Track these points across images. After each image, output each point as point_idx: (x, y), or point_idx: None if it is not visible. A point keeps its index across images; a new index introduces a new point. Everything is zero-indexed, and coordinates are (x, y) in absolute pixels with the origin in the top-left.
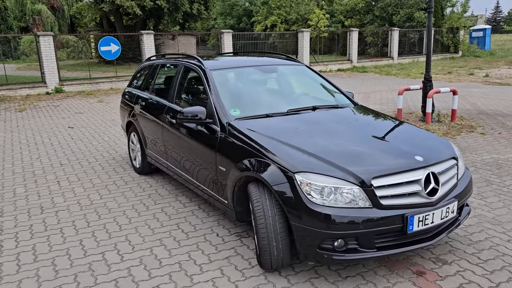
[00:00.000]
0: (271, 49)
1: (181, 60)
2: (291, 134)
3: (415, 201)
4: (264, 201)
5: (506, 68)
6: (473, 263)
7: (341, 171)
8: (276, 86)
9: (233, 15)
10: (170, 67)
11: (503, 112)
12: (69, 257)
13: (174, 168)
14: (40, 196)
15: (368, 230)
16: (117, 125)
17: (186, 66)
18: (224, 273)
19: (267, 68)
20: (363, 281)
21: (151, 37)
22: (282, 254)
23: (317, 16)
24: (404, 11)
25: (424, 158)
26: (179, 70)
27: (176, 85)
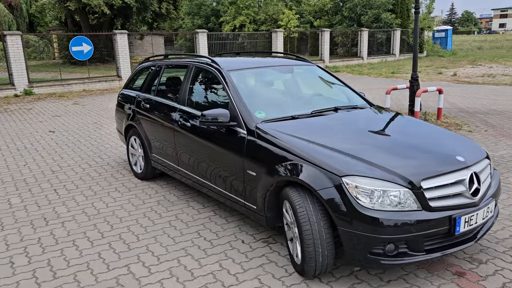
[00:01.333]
0: (240, 49)
1: (191, 60)
2: (325, 136)
3: (460, 202)
4: (307, 206)
5: (470, 67)
6: (508, 262)
7: (390, 173)
8: (294, 87)
9: (201, 15)
10: (177, 68)
11: (481, 110)
12: (91, 271)
13: (187, 173)
14: (39, 206)
15: (418, 233)
16: (101, 128)
17: (198, 66)
18: (262, 282)
19: (283, 68)
20: (407, 285)
21: (125, 36)
22: (327, 260)
23: (287, 16)
24: (372, 12)
25: (465, 159)
26: (189, 71)
27: (187, 86)
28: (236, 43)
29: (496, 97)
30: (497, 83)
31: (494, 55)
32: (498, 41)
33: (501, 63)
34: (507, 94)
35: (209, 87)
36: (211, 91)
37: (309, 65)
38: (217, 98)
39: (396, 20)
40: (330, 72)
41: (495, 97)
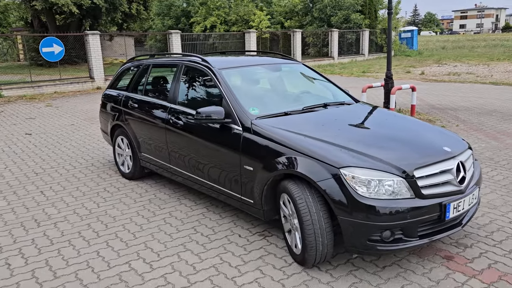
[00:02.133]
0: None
1: (180, 59)
2: (320, 130)
3: (449, 190)
4: (307, 197)
5: (436, 66)
6: (491, 245)
7: (384, 164)
8: (283, 84)
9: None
10: (165, 67)
11: (451, 106)
12: (92, 269)
13: (179, 171)
14: (28, 208)
15: (413, 219)
16: (80, 130)
17: (187, 65)
18: (264, 273)
19: (271, 66)
20: (401, 270)
21: (97, 37)
22: (327, 249)
23: (259, 17)
24: (341, 13)
25: (452, 149)
26: (179, 69)
27: (177, 85)
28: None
29: (463, 94)
30: (463, 81)
31: (457, 54)
32: (460, 41)
33: (465, 62)
34: (473, 91)
35: (200, 86)
36: (203, 90)
37: (296, 63)
38: (209, 96)
39: (365, 21)
40: (315, 70)
41: (462, 94)
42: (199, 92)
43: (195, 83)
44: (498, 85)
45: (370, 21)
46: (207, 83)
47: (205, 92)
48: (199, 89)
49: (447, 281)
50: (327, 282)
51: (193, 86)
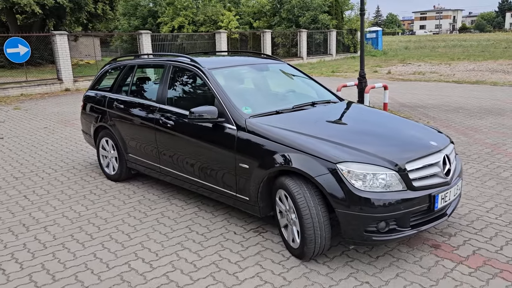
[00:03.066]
0: (179, 51)
1: (167, 60)
2: (313, 128)
3: (437, 182)
4: (304, 192)
5: (402, 66)
6: (472, 233)
7: (378, 158)
8: (271, 83)
9: (137, 15)
10: (151, 67)
11: (420, 104)
12: (91, 271)
13: (170, 171)
14: (13, 213)
15: (406, 210)
16: (54, 133)
17: (175, 66)
18: (264, 267)
19: (259, 66)
20: (394, 259)
21: (65, 38)
22: (325, 241)
23: (228, 17)
24: (309, 14)
25: (437, 143)
26: (166, 70)
27: (165, 86)
28: (175, 44)
29: (430, 92)
30: (428, 79)
31: (420, 54)
32: (421, 41)
33: (428, 62)
34: (438, 89)
35: (189, 86)
36: (192, 90)
37: (280, 63)
38: (199, 95)
39: (332, 21)
40: (299, 69)
41: (429, 93)
42: (188, 92)
43: (184, 83)
44: (460, 84)
45: (337, 22)
46: (196, 83)
47: (195, 92)
48: (189, 89)
49: (437, 267)
50: (326, 273)
51: (182, 86)
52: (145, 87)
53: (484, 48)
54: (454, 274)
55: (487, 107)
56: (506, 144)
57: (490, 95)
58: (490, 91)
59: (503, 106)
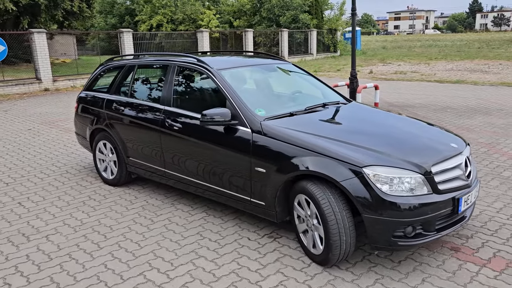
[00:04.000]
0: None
1: (171, 60)
2: (331, 130)
3: (459, 184)
4: (329, 197)
5: (382, 65)
6: (489, 235)
7: (404, 161)
8: (280, 84)
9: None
10: (153, 68)
11: (407, 103)
12: (105, 284)
13: (176, 175)
14: (9, 222)
15: (433, 214)
16: (40, 135)
17: (181, 66)
18: (286, 275)
19: (266, 66)
20: (417, 263)
21: (43, 36)
22: (350, 247)
23: (208, 16)
24: (289, 13)
25: (458, 145)
26: (171, 70)
27: (170, 87)
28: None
29: (415, 91)
30: (410, 79)
31: (398, 54)
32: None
33: (407, 61)
34: (422, 89)
35: (197, 87)
36: (200, 91)
37: (286, 63)
38: (207, 97)
39: (313, 21)
40: (304, 69)
41: (414, 92)
42: (195, 94)
43: (191, 84)
44: (442, 83)
45: (318, 22)
46: (204, 84)
47: (202, 94)
48: (196, 91)
49: (461, 271)
50: (351, 280)
51: (189, 87)
52: (147, 88)
53: (459, 48)
54: (480, 278)
55: (473, 107)
56: (500, 144)
57: (473, 95)
58: (473, 91)
59: (488, 106)
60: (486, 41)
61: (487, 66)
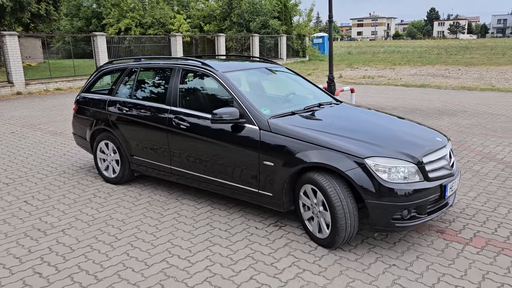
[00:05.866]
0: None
1: (175, 63)
2: (332, 127)
3: (445, 173)
4: (335, 186)
5: (350, 70)
6: (467, 219)
7: (399, 153)
8: (279, 86)
9: (81, 16)
10: (157, 70)
11: (379, 106)
12: (132, 269)
13: (183, 171)
14: (21, 219)
15: (425, 199)
16: (26, 137)
17: (186, 69)
18: (297, 257)
19: (265, 70)
20: (410, 244)
21: (15, 38)
22: (354, 230)
23: (179, 20)
24: (259, 19)
25: (442, 140)
26: (176, 73)
27: (176, 88)
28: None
29: (384, 95)
30: (378, 83)
31: (363, 59)
32: (361, 47)
33: (373, 66)
34: (390, 92)
35: (202, 88)
36: (206, 92)
37: (280, 66)
38: (213, 98)
39: (282, 27)
40: (295, 71)
41: (383, 95)
42: (202, 94)
43: (196, 85)
44: (409, 87)
45: (287, 27)
46: (210, 85)
47: (208, 94)
48: (202, 91)
49: (449, 249)
50: (355, 259)
51: (194, 88)
52: (151, 89)
53: (420, 54)
54: (465, 254)
55: (439, 108)
56: (467, 142)
57: (438, 97)
58: (437, 94)
59: (452, 108)
60: (444, 48)
61: (447, 71)
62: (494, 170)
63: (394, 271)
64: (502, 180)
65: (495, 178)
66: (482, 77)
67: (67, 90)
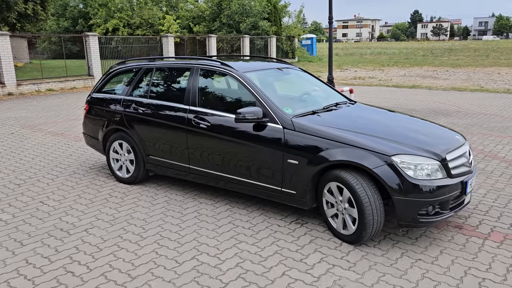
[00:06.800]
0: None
1: (193, 63)
2: (356, 125)
3: (465, 170)
4: (362, 183)
5: (340, 71)
6: (481, 214)
7: (424, 151)
8: (297, 85)
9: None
10: (173, 70)
11: None
12: (164, 267)
13: (202, 170)
14: (41, 219)
15: (448, 195)
16: (28, 138)
17: (204, 69)
18: (325, 253)
19: (283, 70)
20: (431, 239)
21: (7, 38)
22: (380, 225)
23: (168, 21)
24: (249, 20)
25: (460, 138)
26: (194, 73)
27: (194, 88)
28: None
29: (377, 96)
30: (369, 84)
31: (352, 60)
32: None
33: (362, 68)
34: (383, 93)
35: (222, 88)
36: (226, 92)
37: (294, 67)
38: (234, 97)
39: (272, 28)
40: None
41: (377, 96)
42: (221, 94)
43: (216, 85)
44: (400, 88)
45: (277, 29)
46: (230, 85)
47: (228, 94)
48: (222, 91)
49: (470, 244)
50: (381, 254)
51: (214, 88)
52: (169, 89)
53: (406, 56)
54: (486, 248)
55: (434, 109)
56: (468, 141)
57: (430, 98)
58: (429, 95)
59: (446, 108)
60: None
61: (435, 72)
62: (498, 168)
63: (421, 265)
64: (507, 177)
65: (501, 176)
66: (470, 78)
67: (59, 90)
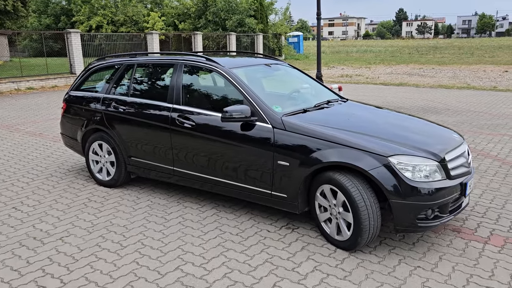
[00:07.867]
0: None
1: (176, 59)
2: (349, 124)
3: (464, 171)
4: (357, 185)
5: (327, 69)
6: (479, 217)
7: (422, 151)
8: (286, 82)
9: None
10: (155, 67)
11: None
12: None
13: (187, 172)
14: (13, 227)
15: (448, 197)
16: (3, 139)
17: (188, 65)
18: (318, 261)
19: (271, 66)
20: (429, 244)
21: None
22: (377, 230)
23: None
24: (235, 17)
25: (458, 137)
26: (177, 69)
27: (178, 85)
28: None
29: (365, 93)
30: (356, 82)
31: (338, 58)
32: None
33: (349, 65)
34: (370, 91)
35: (208, 85)
36: (212, 89)
37: (283, 63)
38: (220, 95)
39: (259, 25)
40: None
41: (364, 94)
42: (207, 92)
43: (201, 82)
44: (387, 86)
45: (263, 26)
46: (215, 82)
47: (214, 91)
48: (207, 89)
49: (470, 249)
50: (378, 261)
51: (199, 85)
52: (150, 87)
53: (392, 54)
54: (487, 253)
55: (422, 107)
56: None
57: (418, 96)
58: (417, 93)
59: (435, 106)
60: (414, 47)
61: (422, 70)
62: (492, 167)
63: (420, 273)
64: (502, 177)
65: (495, 175)
66: (456, 76)
67: (40, 89)
